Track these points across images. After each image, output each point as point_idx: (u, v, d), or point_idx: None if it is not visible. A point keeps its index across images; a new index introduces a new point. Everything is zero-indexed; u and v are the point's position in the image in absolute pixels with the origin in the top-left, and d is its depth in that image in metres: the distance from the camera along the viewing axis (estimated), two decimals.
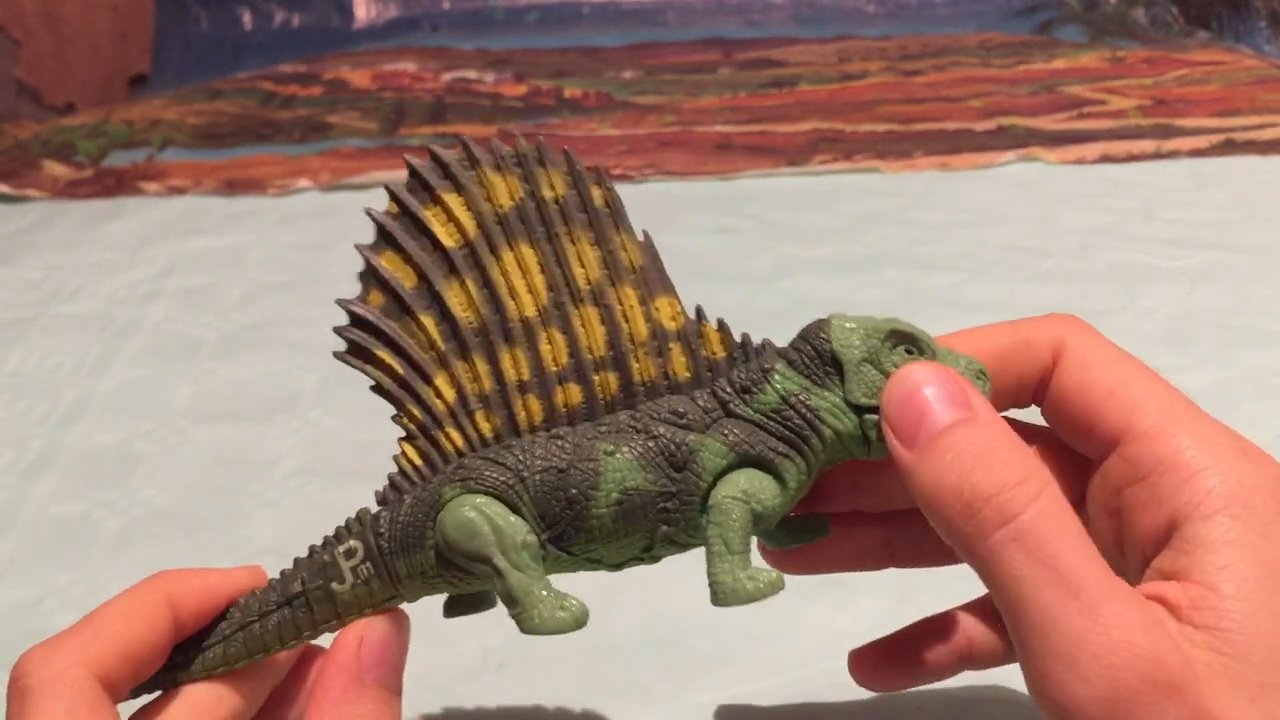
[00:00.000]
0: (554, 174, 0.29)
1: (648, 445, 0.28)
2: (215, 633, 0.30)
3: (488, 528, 0.27)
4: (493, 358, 0.29)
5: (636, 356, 0.29)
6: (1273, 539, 0.24)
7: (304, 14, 1.41)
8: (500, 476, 0.28)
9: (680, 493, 0.28)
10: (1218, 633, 0.23)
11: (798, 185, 0.91)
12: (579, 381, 0.29)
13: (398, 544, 0.29)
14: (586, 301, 0.29)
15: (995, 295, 0.73)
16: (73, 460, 0.59)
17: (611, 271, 0.29)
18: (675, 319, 0.29)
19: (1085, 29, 1.35)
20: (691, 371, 0.29)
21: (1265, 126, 0.99)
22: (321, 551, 0.30)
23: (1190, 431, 0.27)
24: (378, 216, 0.30)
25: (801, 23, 1.41)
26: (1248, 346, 0.66)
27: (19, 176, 0.97)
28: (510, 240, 0.29)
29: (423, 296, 0.29)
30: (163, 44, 1.35)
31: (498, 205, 0.29)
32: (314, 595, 0.29)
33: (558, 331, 0.29)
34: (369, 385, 0.30)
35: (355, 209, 1.01)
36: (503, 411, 0.29)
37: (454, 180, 0.30)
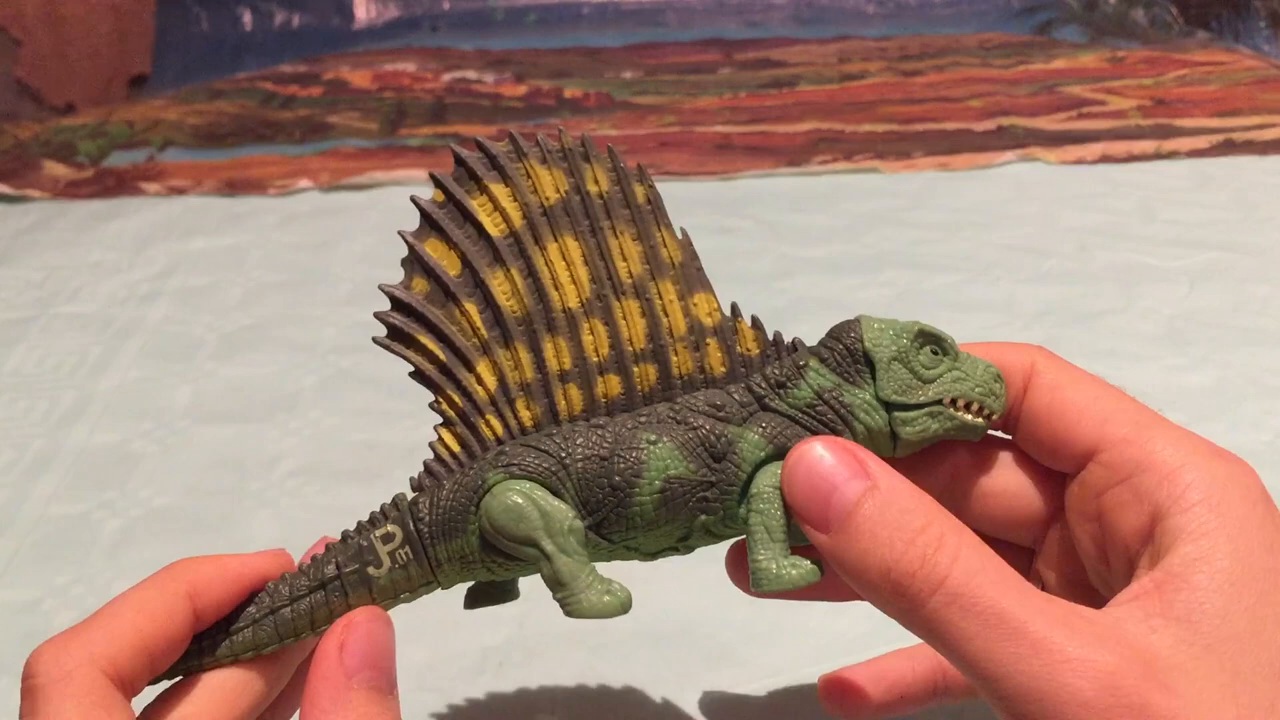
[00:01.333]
0: (598, 169, 0.30)
1: (688, 436, 0.28)
2: (244, 617, 0.30)
3: (535, 512, 0.28)
4: (536, 346, 0.29)
5: (675, 350, 0.29)
6: (1247, 529, 0.25)
7: (304, 14, 1.41)
8: (543, 463, 0.28)
9: (720, 482, 0.28)
10: (1189, 625, 0.23)
11: (798, 185, 0.91)
12: (619, 372, 0.29)
13: (438, 528, 0.29)
14: (628, 294, 0.29)
15: (995, 295, 0.73)
16: (73, 460, 0.59)
17: (652, 266, 0.29)
18: (712, 315, 0.30)
19: (1085, 29, 1.35)
20: (727, 366, 0.30)
21: (1265, 126, 0.99)
22: (357, 536, 0.30)
23: (1164, 436, 0.27)
24: (423, 204, 0.31)
25: (801, 23, 1.41)
26: (1248, 346, 0.66)
27: (19, 176, 0.97)
28: (555, 232, 0.30)
29: (467, 284, 0.30)
30: (163, 44, 1.35)
31: (544, 197, 0.30)
32: (349, 580, 0.29)
33: (600, 323, 0.29)
34: (408, 372, 0.30)
35: (355, 209, 1.01)
36: (544, 400, 0.29)
37: (501, 171, 0.30)
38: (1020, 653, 0.23)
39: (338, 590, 0.29)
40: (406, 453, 0.58)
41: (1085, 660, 0.22)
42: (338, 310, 0.73)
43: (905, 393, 0.29)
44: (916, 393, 0.29)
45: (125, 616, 0.27)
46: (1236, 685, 0.23)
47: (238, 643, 0.30)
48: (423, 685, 0.44)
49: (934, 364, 0.30)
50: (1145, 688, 0.22)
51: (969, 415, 0.29)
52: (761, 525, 0.28)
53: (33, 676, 0.26)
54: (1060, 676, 0.22)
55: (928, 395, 0.29)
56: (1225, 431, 0.59)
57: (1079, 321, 0.70)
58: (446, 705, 0.44)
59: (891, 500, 0.25)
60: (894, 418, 0.29)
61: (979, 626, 0.23)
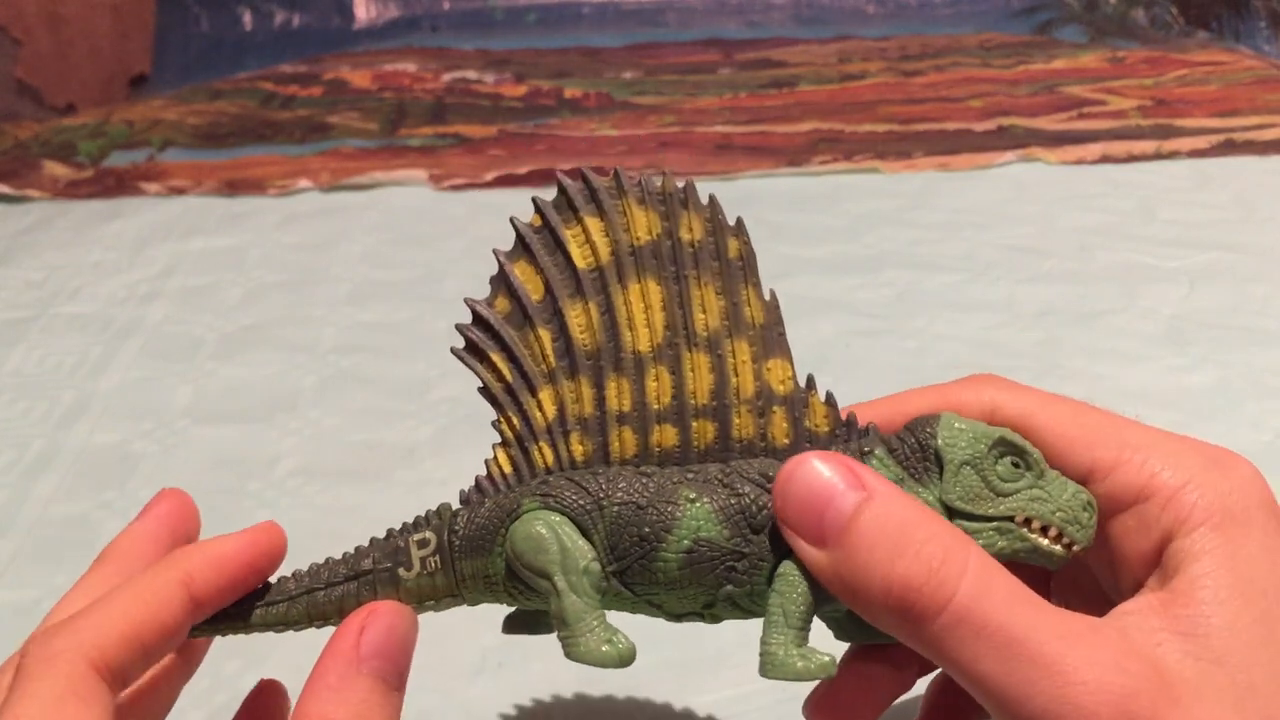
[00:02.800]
0: (694, 217, 0.30)
1: (730, 501, 0.28)
2: (281, 590, 0.30)
3: (555, 546, 0.28)
4: (599, 383, 0.29)
5: (739, 412, 0.29)
6: (1250, 543, 0.25)
7: (304, 14, 1.41)
8: (580, 500, 0.28)
9: (752, 555, 0.27)
10: (1196, 639, 0.23)
11: (798, 185, 0.91)
12: (677, 424, 0.29)
13: (468, 544, 0.29)
14: (700, 348, 0.29)
15: (995, 295, 0.73)
16: (73, 460, 0.59)
17: (731, 323, 0.29)
18: (785, 383, 0.29)
19: (1085, 29, 1.35)
20: (790, 439, 0.29)
21: (1265, 126, 0.99)
22: (397, 536, 0.30)
23: (1158, 453, 0.27)
24: (520, 226, 0.30)
25: (801, 23, 1.41)
26: (1247, 346, 0.66)
27: (19, 176, 0.97)
28: (640, 273, 0.29)
29: (546, 310, 0.30)
30: (163, 44, 1.35)
31: (635, 237, 0.30)
32: (381, 576, 0.30)
33: (666, 371, 0.29)
34: (477, 387, 0.31)
35: (355, 209, 1.01)
36: (598, 438, 0.29)
37: (599, 205, 0.30)
38: (1033, 675, 0.22)
39: (368, 584, 0.30)
40: (407, 453, 0.58)
41: (1099, 682, 0.22)
42: (338, 310, 0.73)
43: (972, 501, 0.27)
44: (986, 504, 0.27)
45: (118, 607, 0.27)
46: (1246, 698, 0.22)
47: (270, 615, 0.30)
48: (423, 685, 0.44)
49: (1012, 477, 0.27)
50: (1158, 706, 0.22)
51: (1044, 540, 0.27)
52: (780, 607, 0.27)
53: (22, 656, 0.26)
54: (1075, 699, 0.22)
55: (998, 509, 0.27)
56: (1225, 431, 0.59)
57: (1079, 321, 0.70)
58: (446, 705, 0.44)
59: (891, 510, 0.25)
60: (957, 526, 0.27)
61: (988, 647, 0.23)
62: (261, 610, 0.30)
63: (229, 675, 0.46)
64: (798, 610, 0.27)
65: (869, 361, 0.66)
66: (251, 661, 0.47)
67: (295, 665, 0.47)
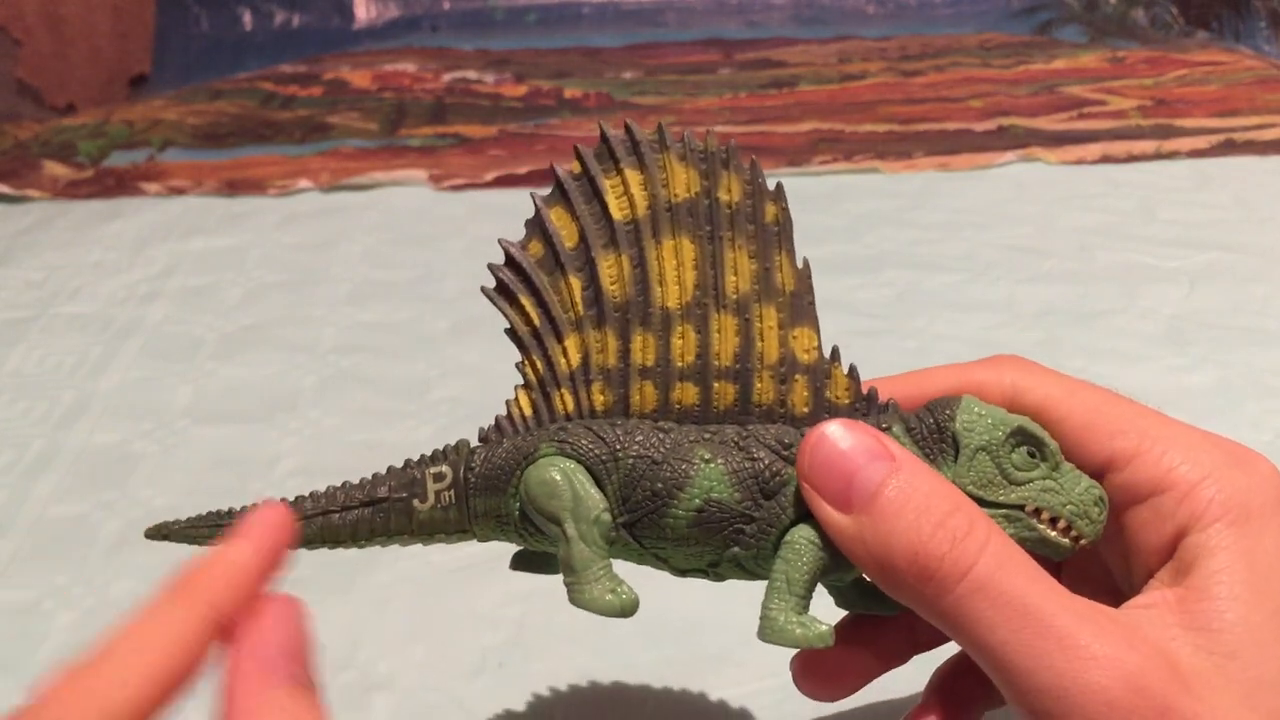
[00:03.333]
0: (734, 179, 0.29)
1: (744, 464, 0.28)
2: (296, 510, 0.31)
3: (568, 493, 0.28)
4: (625, 336, 0.29)
5: (760, 376, 0.29)
6: (1266, 540, 0.25)
7: (304, 14, 1.41)
8: (596, 449, 0.28)
9: (761, 520, 0.28)
10: (1210, 634, 0.23)
11: (798, 185, 0.91)
12: (699, 384, 0.29)
13: (483, 482, 0.30)
14: (729, 310, 0.29)
15: (995, 295, 0.73)
16: (72, 461, 0.59)
17: (761, 287, 0.29)
18: (809, 352, 0.29)
19: (1085, 29, 1.35)
20: (810, 407, 0.29)
21: (1265, 126, 0.99)
22: (414, 467, 0.31)
23: (1177, 446, 0.27)
24: (560, 172, 0.30)
25: (801, 23, 1.41)
26: (1248, 346, 0.66)
27: (19, 176, 0.97)
28: (675, 230, 0.29)
29: (578, 258, 0.30)
30: (163, 44, 1.35)
31: (673, 193, 0.29)
32: (395, 505, 0.30)
33: (692, 330, 0.29)
34: (504, 328, 0.31)
35: (355, 209, 1.01)
36: (619, 390, 0.29)
37: (640, 158, 0.30)
38: (1046, 647, 0.23)
39: (382, 512, 0.30)
40: (407, 452, 0.58)
41: (1112, 658, 0.22)
42: (338, 310, 0.73)
43: (985, 487, 0.27)
44: (998, 491, 0.27)
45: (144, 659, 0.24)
46: (1257, 693, 0.23)
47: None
48: (423, 685, 0.44)
49: (1026, 466, 0.27)
50: (1170, 690, 0.22)
51: (1052, 531, 0.27)
52: (784, 574, 0.27)
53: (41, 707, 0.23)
54: (1086, 674, 0.22)
55: (1009, 497, 0.27)
56: (1225, 432, 0.58)
57: (1079, 321, 0.70)
58: (447, 705, 0.44)
59: (917, 482, 0.25)
60: None
61: (1004, 617, 0.23)
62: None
63: None
64: (801, 578, 0.27)
65: (869, 361, 0.65)
66: None
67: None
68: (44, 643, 0.48)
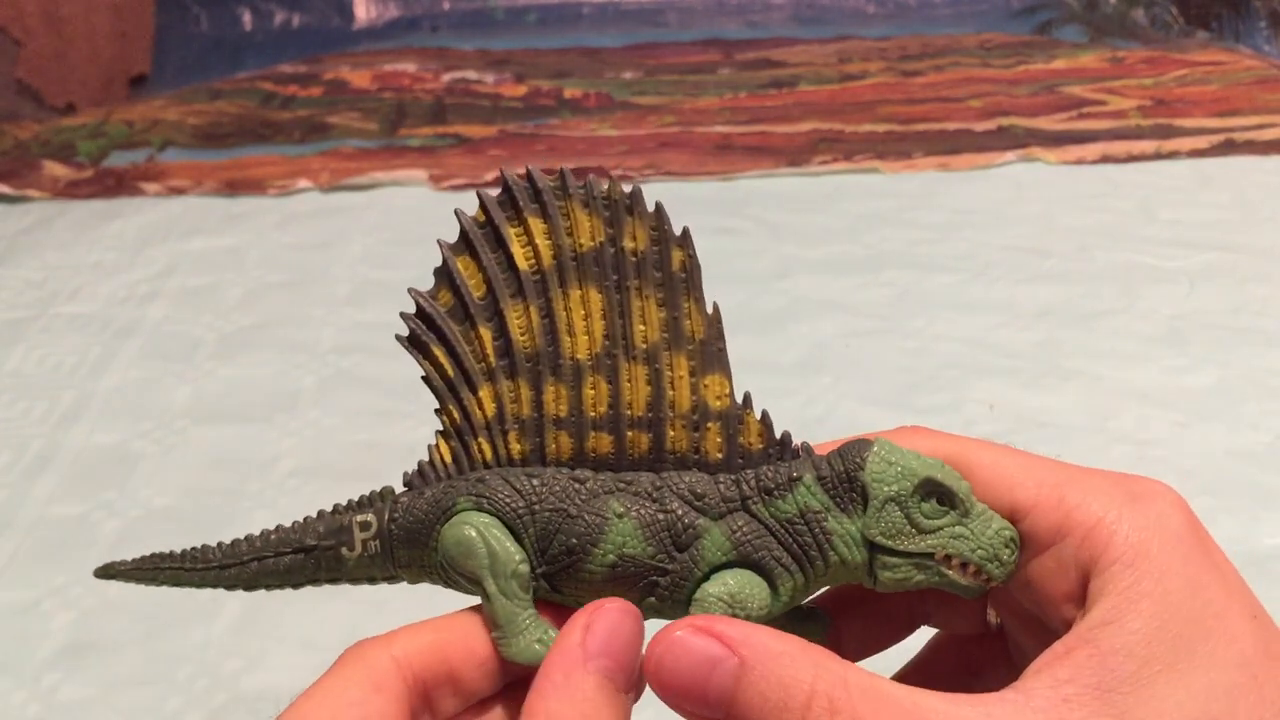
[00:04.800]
0: (639, 226, 0.29)
1: (657, 517, 0.28)
2: (231, 555, 0.31)
3: (484, 550, 0.28)
4: (537, 387, 0.29)
5: (673, 425, 0.29)
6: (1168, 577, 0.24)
7: (304, 14, 1.41)
8: (512, 502, 0.29)
9: (674, 573, 0.28)
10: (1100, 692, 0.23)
11: (798, 185, 0.91)
12: (612, 433, 0.29)
13: (405, 534, 0.30)
14: (638, 360, 0.29)
15: (995, 295, 0.73)
16: (72, 460, 0.59)
17: (670, 336, 0.29)
18: (721, 399, 0.29)
19: (1085, 29, 1.35)
20: (723, 454, 0.29)
21: (1265, 126, 0.99)
22: (343, 513, 0.31)
23: (1074, 489, 0.26)
24: (464, 220, 0.30)
25: (801, 23, 1.41)
26: (1247, 346, 0.66)
27: (19, 176, 0.97)
28: (581, 280, 0.29)
29: (488, 309, 0.30)
30: (163, 44, 1.35)
31: (578, 242, 0.29)
32: (325, 553, 0.30)
33: (603, 380, 0.29)
34: (420, 375, 0.31)
35: (355, 209, 1.01)
36: (535, 439, 0.29)
37: (542, 206, 0.30)
38: None
39: (314, 559, 0.31)
40: (406, 452, 0.58)
41: None
42: (338, 310, 0.73)
43: (893, 537, 0.27)
44: (906, 540, 0.27)
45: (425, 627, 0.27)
46: None
47: (225, 576, 0.31)
48: None
49: (935, 514, 0.28)
50: None
51: (961, 577, 0.27)
52: None
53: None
54: None
55: (918, 546, 0.27)
56: (1225, 432, 0.59)
57: (1079, 321, 0.70)
58: None
59: (768, 675, 0.24)
60: (875, 559, 0.28)
61: None
62: (216, 574, 0.31)
63: (228, 675, 0.46)
64: None
65: (869, 361, 0.66)
66: (252, 661, 0.47)
67: (292, 666, 0.47)
68: (43, 643, 0.48)
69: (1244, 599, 0.24)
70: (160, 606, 0.50)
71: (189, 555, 0.32)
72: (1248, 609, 0.24)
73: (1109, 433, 0.59)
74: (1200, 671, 0.23)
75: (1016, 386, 0.64)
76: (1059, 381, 0.64)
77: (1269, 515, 0.54)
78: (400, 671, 0.27)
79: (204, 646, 0.48)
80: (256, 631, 0.48)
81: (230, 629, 0.49)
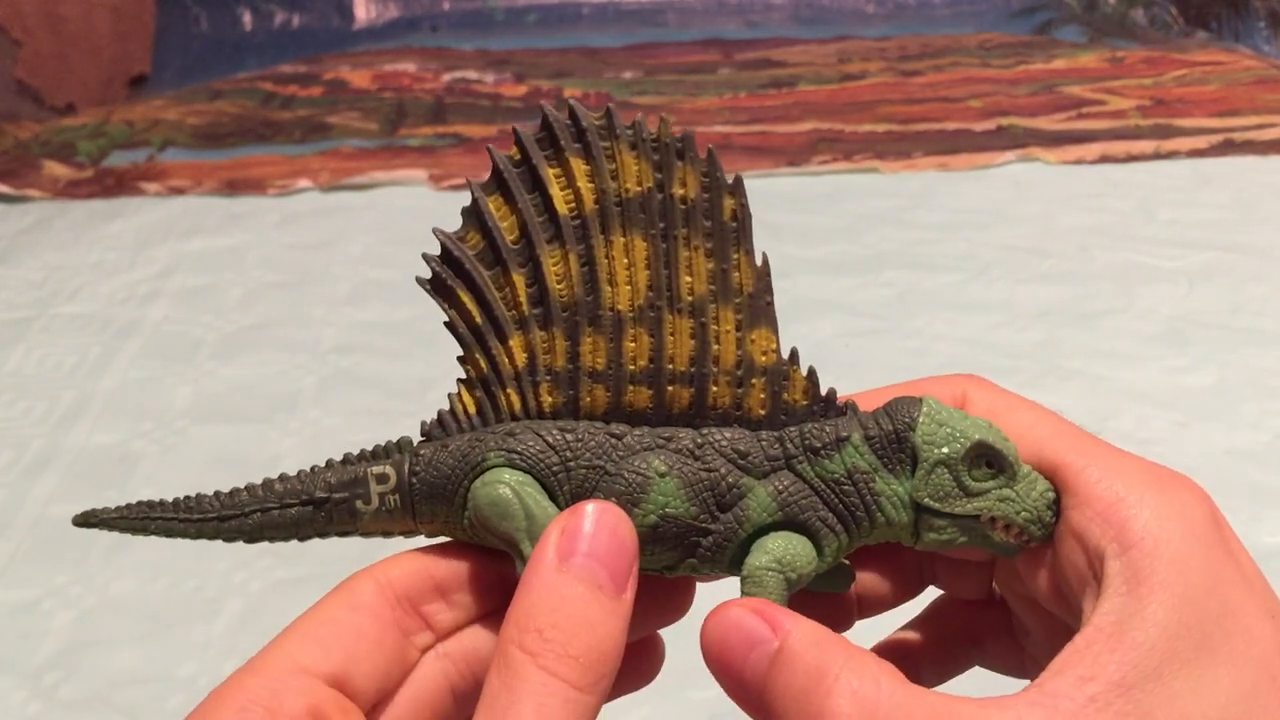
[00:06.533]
0: (690, 171, 0.27)
1: (701, 476, 0.27)
2: (234, 505, 0.30)
3: (520, 511, 0.27)
4: (574, 337, 0.28)
5: (716, 381, 0.27)
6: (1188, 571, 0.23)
7: (304, 14, 1.41)
8: (547, 458, 0.27)
9: (717, 534, 0.27)
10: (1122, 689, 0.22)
11: (798, 185, 0.91)
12: (652, 387, 0.28)
13: (428, 488, 0.28)
14: (684, 312, 0.27)
15: (995, 295, 0.73)
16: (73, 460, 0.59)
17: (718, 288, 0.27)
18: (767, 355, 0.27)
19: (1085, 29, 1.35)
20: (767, 410, 0.28)
21: (1265, 126, 0.99)
22: (358, 464, 0.30)
23: (1102, 464, 0.26)
24: (498, 158, 0.28)
25: (801, 23, 1.41)
26: (1248, 346, 0.66)
27: (19, 176, 0.97)
28: (626, 227, 0.27)
29: (522, 253, 0.28)
30: (163, 44, 1.35)
31: (624, 186, 0.27)
32: (338, 507, 0.29)
33: (645, 333, 0.28)
34: (443, 321, 0.29)
35: (355, 209, 1.01)
36: (568, 392, 0.28)
37: (586, 146, 0.28)
38: None
39: (325, 512, 0.29)
40: None
41: None
42: (338, 310, 0.73)
43: (942, 500, 0.27)
44: (954, 503, 0.27)
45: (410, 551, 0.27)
46: None
47: (224, 528, 0.30)
48: None
49: (984, 477, 0.27)
50: None
51: (1005, 537, 0.27)
52: None
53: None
54: None
55: (965, 509, 0.27)
56: (1225, 432, 0.59)
57: (1079, 321, 0.70)
58: None
59: (798, 665, 0.24)
60: (921, 520, 0.27)
61: None
62: (214, 525, 0.30)
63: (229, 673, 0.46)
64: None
65: (869, 361, 0.66)
66: None
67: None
68: (44, 642, 0.48)
69: (1264, 597, 0.24)
70: (161, 605, 0.50)
71: (183, 505, 0.30)
72: (1266, 608, 0.24)
73: (1109, 432, 0.60)
74: (1221, 670, 0.23)
75: (1016, 386, 0.63)
76: (1059, 381, 0.64)
77: (1269, 514, 0.54)
78: (382, 592, 0.26)
79: (205, 645, 0.48)
80: (257, 630, 0.48)
81: (231, 628, 0.49)
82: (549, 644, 0.24)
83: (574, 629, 0.24)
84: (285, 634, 0.26)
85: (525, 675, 0.23)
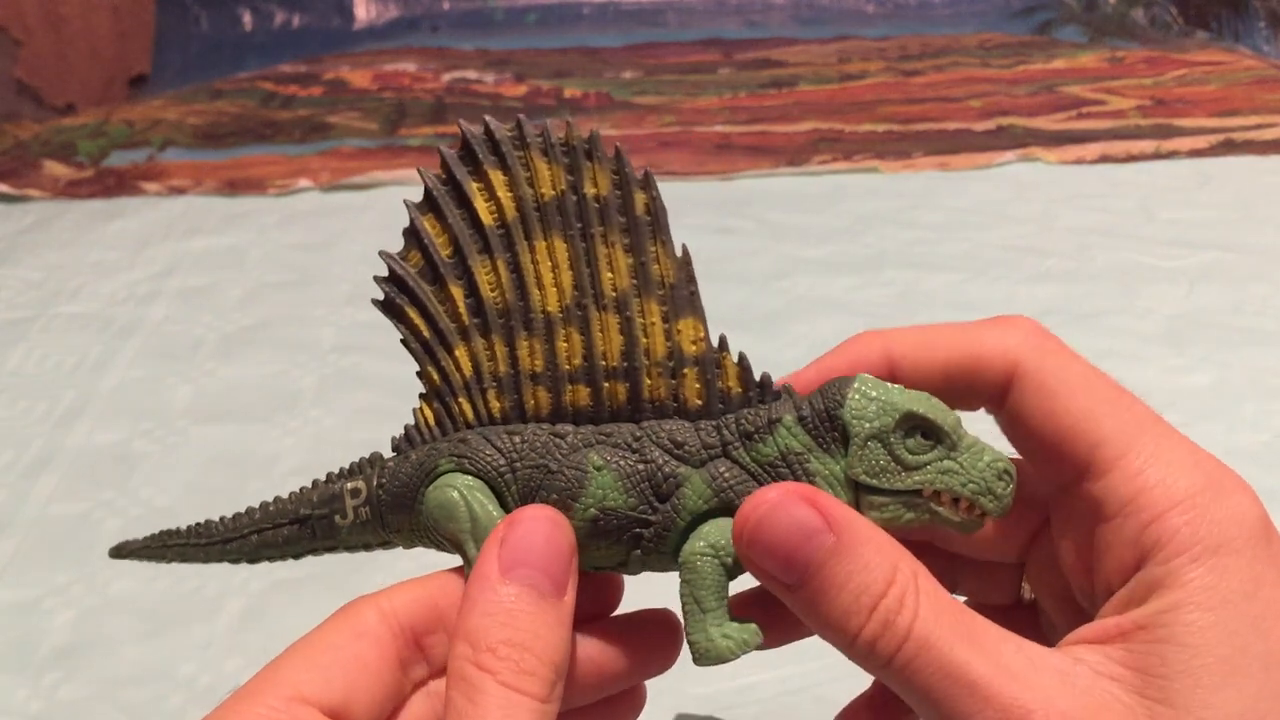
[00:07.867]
0: (600, 171, 0.28)
1: (637, 468, 0.28)
2: (233, 528, 0.32)
3: (465, 514, 0.28)
4: (511, 342, 0.29)
5: (649, 373, 0.28)
6: (1231, 580, 0.24)
7: (304, 14, 1.41)
8: (494, 461, 0.28)
9: (657, 524, 0.27)
10: (1150, 678, 0.23)
11: (798, 185, 0.91)
12: (589, 384, 0.28)
13: (393, 498, 0.30)
14: (609, 308, 0.28)
15: (995, 295, 0.73)
16: (73, 460, 0.59)
17: (640, 282, 0.28)
18: (696, 344, 0.28)
19: (1085, 29, 1.35)
20: (703, 400, 0.28)
21: (1264, 126, 0.99)
22: (335, 481, 0.31)
23: (1157, 464, 0.25)
24: (428, 178, 0.30)
25: (801, 23, 1.41)
26: (1248, 346, 0.66)
27: (19, 176, 0.97)
28: (545, 230, 0.29)
29: (457, 267, 0.29)
30: (163, 44, 1.35)
31: (539, 192, 0.29)
32: (320, 522, 0.31)
33: (576, 332, 0.29)
34: (399, 338, 0.30)
35: (355, 209, 1.01)
36: (513, 396, 0.29)
37: (501, 158, 0.29)
38: (977, 706, 0.23)
39: (309, 529, 0.31)
40: None
41: (1042, 712, 0.23)
42: (338, 310, 0.73)
43: (878, 475, 0.27)
44: (892, 478, 0.27)
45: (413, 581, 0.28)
46: None
47: (229, 550, 0.32)
48: None
49: (921, 450, 0.27)
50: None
51: (953, 512, 0.27)
52: (691, 597, 0.27)
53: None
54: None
55: (904, 483, 0.27)
56: (1225, 432, 0.59)
57: (1079, 321, 0.70)
58: None
59: (854, 556, 0.24)
60: (862, 499, 0.27)
61: (937, 681, 0.23)
62: (219, 548, 0.32)
63: (230, 672, 0.47)
64: (709, 594, 0.27)
65: None
66: (254, 659, 0.47)
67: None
68: (45, 641, 0.48)
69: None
70: (161, 604, 0.50)
71: (194, 531, 0.33)
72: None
73: None
74: (1255, 670, 0.23)
75: None
76: None
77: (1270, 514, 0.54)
78: (385, 620, 0.27)
79: (206, 645, 0.48)
80: (258, 629, 0.48)
81: (232, 627, 0.49)
82: (504, 661, 0.24)
83: (525, 642, 0.25)
84: (286, 656, 0.26)
85: (488, 690, 0.24)
